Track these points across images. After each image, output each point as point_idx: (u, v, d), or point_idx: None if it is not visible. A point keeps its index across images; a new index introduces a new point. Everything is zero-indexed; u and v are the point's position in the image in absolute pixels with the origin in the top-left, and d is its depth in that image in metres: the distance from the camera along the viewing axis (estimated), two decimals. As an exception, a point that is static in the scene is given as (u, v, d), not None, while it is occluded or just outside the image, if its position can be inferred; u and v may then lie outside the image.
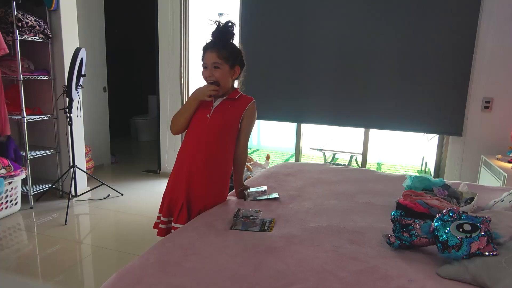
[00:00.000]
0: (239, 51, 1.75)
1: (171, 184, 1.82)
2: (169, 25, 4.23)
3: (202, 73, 1.74)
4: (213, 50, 1.68)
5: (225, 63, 1.69)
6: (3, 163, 3.12)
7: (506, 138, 3.29)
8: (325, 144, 5.23)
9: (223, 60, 1.69)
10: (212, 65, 1.69)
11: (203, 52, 1.73)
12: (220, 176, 1.82)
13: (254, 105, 1.80)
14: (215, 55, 1.68)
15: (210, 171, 1.76)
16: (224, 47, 1.69)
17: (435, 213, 1.51)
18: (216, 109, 1.74)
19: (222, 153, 1.78)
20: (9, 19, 3.14)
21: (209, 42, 1.73)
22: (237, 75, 1.77)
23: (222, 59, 1.68)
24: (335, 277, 1.19)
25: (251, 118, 1.80)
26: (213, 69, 1.69)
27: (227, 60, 1.69)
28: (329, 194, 2.04)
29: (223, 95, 1.76)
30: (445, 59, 3.36)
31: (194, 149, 1.75)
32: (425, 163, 5.15)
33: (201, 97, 1.71)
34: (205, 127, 1.73)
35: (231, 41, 1.74)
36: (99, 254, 2.64)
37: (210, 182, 1.78)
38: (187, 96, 4.35)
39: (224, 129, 1.75)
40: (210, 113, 1.73)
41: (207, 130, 1.73)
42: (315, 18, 3.64)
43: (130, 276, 1.22)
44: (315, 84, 3.74)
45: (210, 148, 1.74)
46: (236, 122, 1.77)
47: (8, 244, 2.76)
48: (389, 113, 3.59)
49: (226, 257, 1.32)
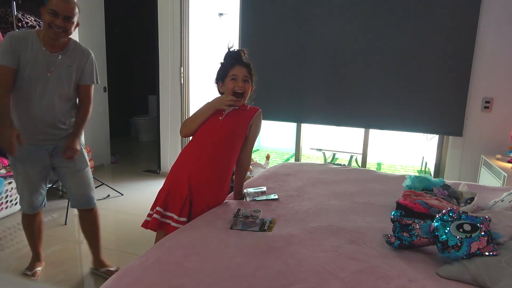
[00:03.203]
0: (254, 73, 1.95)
1: (173, 179, 1.84)
2: (169, 25, 4.22)
3: (229, 83, 1.86)
4: (244, 66, 1.88)
5: (250, 79, 1.89)
6: (3, 163, 3.12)
7: (506, 138, 3.29)
8: (325, 144, 5.24)
9: (249, 76, 1.89)
10: (243, 77, 1.86)
11: (230, 66, 1.87)
12: (221, 177, 1.86)
13: (261, 113, 1.94)
14: (246, 70, 1.87)
15: (213, 172, 1.82)
16: (250, 67, 1.91)
17: (435, 213, 1.51)
18: (227, 114, 1.86)
19: (227, 155, 1.86)
20: (9, 19, 3.14)
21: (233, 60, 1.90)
22: (251, 93, 1.94)
23: (249, 75, 1.89)
24: (335, 277, 1.19)
25: (259, 125, 1.94)
26: (243, 82, 1.86)
27: (251, 77, 1.90)
28: (329, 194, 2.04)
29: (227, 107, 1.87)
30: (445, 59, 3.36)
31: (201, 149, 1.83)
32: (425, 163, 5.15)
33: (219, 105, 1.84)
34: (215, 129, 1.83)
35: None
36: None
37: (212, 182, 1.83)
38: (187, 96, 4.36)
39: (233, 133, 1.86)
40: (222, 116, 1.85)
41: (217, 132, 1.83)
42: (315, 18, 3.64)
43: (130, 276, 1.22)
44: (315, 84, 3.74)
45: (216, 149, 1.82)
46: (244, 128, 1.89)
47: (8, 244, 2.76)
48: (389, 113, 3.59)
49: (226, 257, 1.32)
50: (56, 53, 1.99)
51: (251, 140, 1.92)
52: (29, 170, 2.07)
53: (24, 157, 2.02)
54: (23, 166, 2.06)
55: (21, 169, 2.06)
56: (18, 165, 2.06)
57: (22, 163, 2.04)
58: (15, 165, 2.07)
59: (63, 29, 1.91)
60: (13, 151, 1.88)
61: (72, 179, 2.16)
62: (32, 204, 2.15)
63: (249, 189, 2.06)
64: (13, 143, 1.87)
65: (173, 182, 1.83)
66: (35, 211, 2.20)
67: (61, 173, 2.15)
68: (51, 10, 1.88)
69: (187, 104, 4.38)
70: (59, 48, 2.00)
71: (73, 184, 2.17)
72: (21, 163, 2.04)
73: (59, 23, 1.89)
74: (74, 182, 2.17)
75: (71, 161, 2.10)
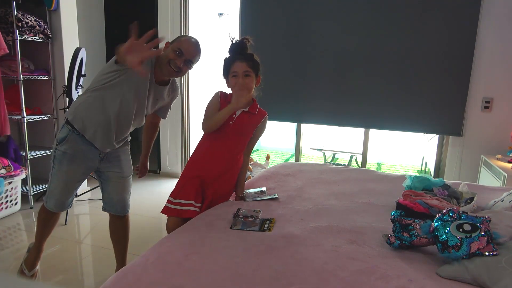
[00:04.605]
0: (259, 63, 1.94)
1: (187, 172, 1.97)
2: (169, 25, 4.22)
3: (230, 81, 1.89)
4: (243, 60, 1.86)
5: (253, 72, 1.88)
6: (3, 163, 3.12)
7: (506, 138, 3.29)
8: (325, 144, 5.24)
9: (251, 69, 1.87)
10: (243, 73, 1.85)
11: (231, 62, 1.89)
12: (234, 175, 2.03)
13: (267, 118, 2.03)
14: (246, 65, 1.86)
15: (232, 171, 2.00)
16: (251, 59, 1.88)
17: (435, 213, 1.51)
18: (237, 118, 1.92)
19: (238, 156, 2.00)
20: (9, 19, 3.14)
21: (235, 54, 1.90)
22: (259, 84, 1.96)
23: (251, 68, 1.87)
24: (335, 277, 1.19)
25: (263, 129, 2.04)
26: (244, 77, 1.85)
27: (254, 70, 1.88)
28: (329, 194, 2.04)
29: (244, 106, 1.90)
30: (445, 59, 3.36)
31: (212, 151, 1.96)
32: (425, 163, 5.15)
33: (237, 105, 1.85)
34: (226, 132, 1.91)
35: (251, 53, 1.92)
36: (99, 254, 2.63)
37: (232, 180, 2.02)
38: (187, 96, 4.36)
39: (242, 135, 1.97)
40: (232, 120, 1.91)
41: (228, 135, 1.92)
42: (315, 18, 3.64)
43: (130, 276, 1.22)
44: (315, 84, 3.74)
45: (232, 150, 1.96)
46: (251, 131, 1.99)
47: (8, 244, 2.76)
48: (389, 113, 3.59)
49: (226, 257, 1.32)
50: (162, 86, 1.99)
51: (253, 140, 2.03)
52: (75, 170, 1.97)
53: (74, 155, 1.92)
54: (69, 165, 1.94)
55: (66, 167, 1.94)
56: (64, 161, 1.93)
57: (70, 161, 1.93)
58: (61, 161, 1.93)
59: (179, 70, 1.87)
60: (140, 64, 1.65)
61: (115, 184, 2.09)
62: (62, 203, 2.06)
63: (248, 191, 2.06)
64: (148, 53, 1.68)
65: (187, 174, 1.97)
66: (62, 211, 2.12)
67: (105, 176, 2.08)
68: (178, 49, 1.85)
69: (187, 104, 4.38)
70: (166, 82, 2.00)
71: (114, 189, 2.10)
72: (69, 160, 1.93)
73: (179, 64, 1.85)
74: (116, 187, 2.10)
75: (120, 167, 2.07)
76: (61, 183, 1.99)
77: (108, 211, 2.17)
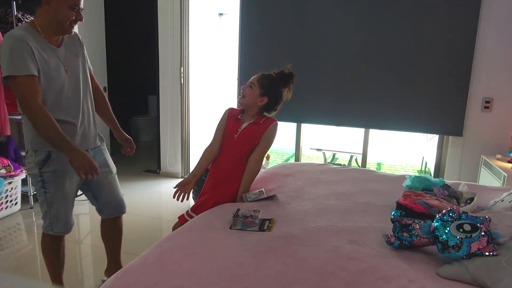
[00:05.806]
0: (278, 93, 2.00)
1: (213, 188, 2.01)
2: (169, 25, 4.22)
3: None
4: (258, 74, 1.97)
5: (258, 87, 1.93)
6: (3, 163, 3.12)
7: (506, 138, 3.29)
8: (325, 144, 5.24)
9: (259, 85, 1.93)
10: (249, 83, 1.95)
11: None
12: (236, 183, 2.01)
13: (276, 125, 2.01)
14: (256, 78, 1.96)
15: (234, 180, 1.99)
16: (267, 78, 1.96)
17: (435, 213, 1.51)
18: (242, 132, 1.96)
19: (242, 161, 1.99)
20: (9, 19, 3.14)
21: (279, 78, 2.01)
22: (263, 104, 1.96)
23: (258, 83, 1.94)
24: (335, 277, 1.19)
25: (272, 136, 2.00)
26: (247, 87, 1.94)
27: (261, 87, 1.93)
28: (329, 194, 2.04)
29: (250, 118, 1.97)
30: (445, 59, 3.36)
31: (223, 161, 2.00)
32: (425, 163, 5.15)
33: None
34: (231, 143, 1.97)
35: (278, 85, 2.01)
36: (99, 254, 2.63)
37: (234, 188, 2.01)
38: (187, 96, 4.36)
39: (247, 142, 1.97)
40: (237, 134, 1.96)
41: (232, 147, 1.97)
42: (315, 18, 3.64)
43: (130, 276, 1.22)
44: (315, 84, 3.74)
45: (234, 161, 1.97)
46: (257, 140, 1.98)
47: (8, 244, 2.76)
48: (389, 113, 3.59)
49: (226, 257, 1.31)
50: (60, 46, 1.74)
51: (261, 146, 1.98)
52: (70, 184, 1.83)
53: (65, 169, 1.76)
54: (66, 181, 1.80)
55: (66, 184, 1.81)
56: (59, 180, 1.78)
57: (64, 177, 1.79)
58: (55, 181, 1.77)
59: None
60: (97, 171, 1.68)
61: (108, 184, 1.98)
62: (69, 222, 1.91)
63: (247, 194, 2.05)
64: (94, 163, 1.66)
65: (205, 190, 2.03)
66: (70, 230, 1.94)
67: (95, 182, 1.92)
68: (73, 5, 1.64)
69: (187, 104, 4.38)
70: (60, 40, 1.75)
71: (108, 190, 1.99)
72: (63, 177, 1.79)
73: (80, 18, 1.68)
74: (109, 187, 1.99)
75: (107, 165, 1.97)
76: (63, 203, 1.85)
77: (109, 215, 2.07)
